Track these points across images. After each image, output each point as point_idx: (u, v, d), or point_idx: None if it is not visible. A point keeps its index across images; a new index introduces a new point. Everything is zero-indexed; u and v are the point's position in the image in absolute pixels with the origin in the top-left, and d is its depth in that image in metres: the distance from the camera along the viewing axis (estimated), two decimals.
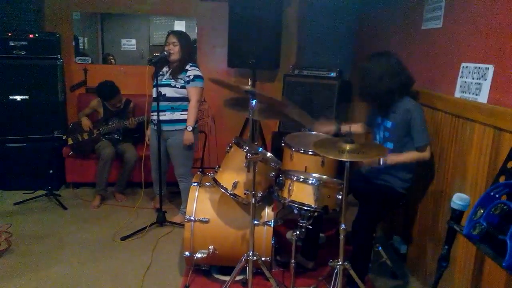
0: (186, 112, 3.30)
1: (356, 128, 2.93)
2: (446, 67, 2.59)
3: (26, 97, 4.19)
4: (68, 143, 4.05)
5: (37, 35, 4.20)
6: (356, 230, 2.46)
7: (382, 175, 2.59)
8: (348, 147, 2.12)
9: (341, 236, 2.21)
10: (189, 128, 3.28)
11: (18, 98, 4.17)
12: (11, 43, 4.11)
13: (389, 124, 2.56)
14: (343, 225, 2.20)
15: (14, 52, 4.12)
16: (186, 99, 3.31)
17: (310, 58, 4.56)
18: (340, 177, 2.49)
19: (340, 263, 2.22)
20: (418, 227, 2.84)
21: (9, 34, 4.10)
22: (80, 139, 4.02)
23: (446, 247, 1.75)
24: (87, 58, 4.71)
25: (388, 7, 3.66)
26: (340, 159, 2.07)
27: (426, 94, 2.74)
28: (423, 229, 2.77)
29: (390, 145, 2.56)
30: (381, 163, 2.41)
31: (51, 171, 4.02)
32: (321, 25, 4.52)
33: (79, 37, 4.69)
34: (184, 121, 3.30)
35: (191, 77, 3.25)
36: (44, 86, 4.24)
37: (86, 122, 3.99)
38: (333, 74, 4.16)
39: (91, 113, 4.14)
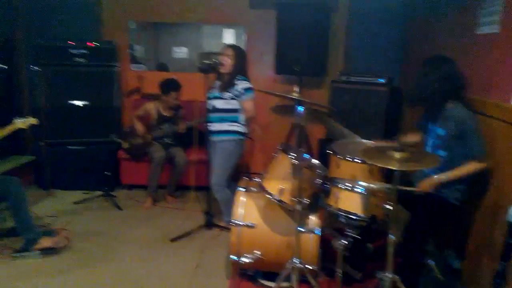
0: (234, 123, 3.35)
1: (413, 137, 2.86)
2: (502, 73, 2.47)
3: (85, 102, 4.44)
4: (124, 147, 4.26)
5: (95, 43, 4.45)
6: (406, 242, 2.40)
7: None
8: (398, 155, 2.08)
9: (390, 248, 2.16)
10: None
11: (78, 103, 4.43)
12: (72, 51, 4.37)
13: (441, 131, 2.49)
14: (391, 236, 2.15)
15: (74, 60, 4.39)
16: (235, 110, 3.35)
17: (358, 64, 4.49)
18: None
19: (388, 275, 2.17)
20: (473, 241, 2.71)
21: (70, 43, 4.38)
22: (134, 143, 4.21)
23: (503, 263, 1.67)
24: (141, 65, 4.93)
25: (439, 12, 3.54)
26: (390, 167, 2.03)
27: (480, 101, 2.63)
28: (478, 243, 2.63)
29: (442, 153, 2.47)
30: (439, 180, 2.35)
31: (108, 173, 4.24)
32: (369, 31, 4.45)
33: (134, 45, 4.92)
34: (231, 132, 3.35)
35: (242, 91, 3.29)
36: (102, 92, 4.48)
37: (140, 127, 4.18)
38: (382, 80, 4.07)
39: (143, 115, 4.29)
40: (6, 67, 4.30)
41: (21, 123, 3.07)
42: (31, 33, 4.54)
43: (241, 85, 3.30)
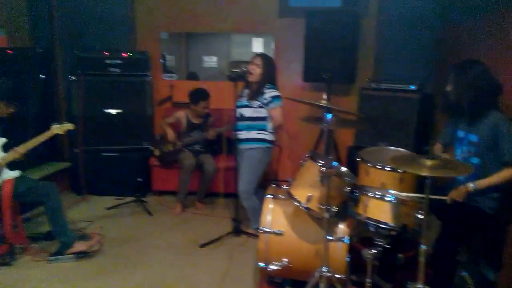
0: (261, 132, 3.37)
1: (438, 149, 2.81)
2: None
3: (119, 110, 4.58)
4: (155, 154, 4.36)
5: (130, 54, 4.60)
6: (438, 253, 2.33)
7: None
8: (429, 162, 2.04)
9: (421, 258, 2.11)
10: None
11: (112, 111, 4.58)
12: (107, 62, 4.54)
13: (474, 138, 2.42)
14: (423, 246, 2.10)
15: (109, 69, 4.55)
16: (263, 118, 3.37)
17: (388, 71, 4.42)
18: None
19: (420, 286, 2.11)
20: (509, 251, 2.60)
21: (106, 53, 4.55)
22: (166, 150, 4.30)
23: None
24: (173, 75, 5.05)
25: (472, 16, 3.46)
26: (421, 174, 1.99)
27: None
28: None
29: (475, 160, 2.41)
30: (471, 188, 2.29)
31: (139, 179, 4.35)
32: (400, 36, 4.37)
33: (166, 55, 5.05)
34: (259, 140, 3.37)
35: (269, 99, 3.31)
36: (135, 101, 4.61)
37: (171, 134, 4.27)
38: (413, 87, 4.00)
39: (173, 123, 4.38)
40: (44, 76, 4.50)
41: (58, 128, 3.20)
42: (68, 44, 4.75)
43: (269, 93, 3.32)
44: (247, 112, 3.38)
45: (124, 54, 4.58)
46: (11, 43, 4.43)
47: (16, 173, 3.08)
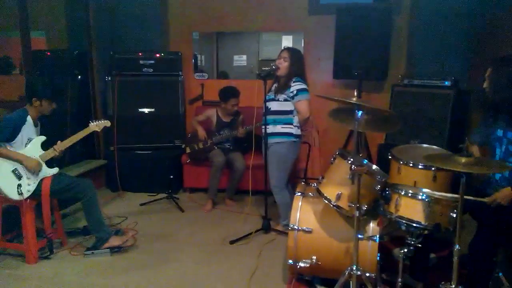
0: (287, 125, 3.37)
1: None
2: None
3: (152, 109, 4.70)
4: (186, 152, 4.44)
5: (162, 54, 4.71)
6: (473, 253, 2.26)
7: None
8: (464, 160, 1.98)
9: (455, 258, 2.05)
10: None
11: (146, 110, 4.70)
12: (141, 62, 4.67)
13: None
14: (457, 246, 2.04)
15: (143, 70, 4.68)
16: (288, 112, 3.37)
17: (421, 67, 4.31)
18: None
19: (453, 287, 2.06)
20: None
21: (140, 54, 4.67)
22: (197, 148, 4.37)
23: None
24: (204, 74, 5.13)
25: (510, 9, 3.32)
26: (455, 170, 1.93)
27: None
28: None
29: None
30: None
31: (171, 177, 4.44)
32: (433, 32, 4.25)
33: (197, 55, 5.13)
34: (284, 134, 3.38)
35: (294, 92, 3.31)
36: (167, 100, 4.72)
37: (201, 133, 4.33)
38: (447, 83, 3.88)
39: (203, 120, 4.44)
40: (80, 77, 4.67)
41: (95, 126, 3.30)
42: (104, 45, 4.90)
43: (294, 86, 3.32)
44: (273, 105, 3.39)
45: (157, 55, 4.69)
46: (49, 45, 4.63)
47: (54, 171, 3.20)
